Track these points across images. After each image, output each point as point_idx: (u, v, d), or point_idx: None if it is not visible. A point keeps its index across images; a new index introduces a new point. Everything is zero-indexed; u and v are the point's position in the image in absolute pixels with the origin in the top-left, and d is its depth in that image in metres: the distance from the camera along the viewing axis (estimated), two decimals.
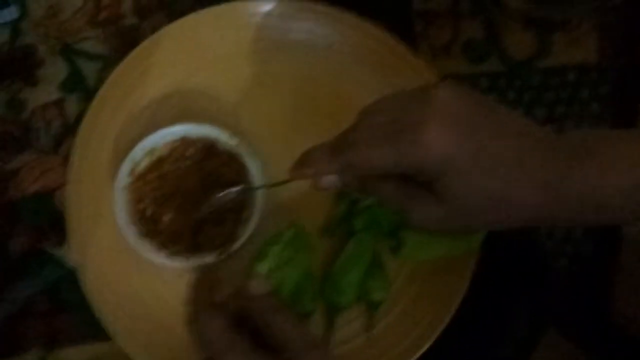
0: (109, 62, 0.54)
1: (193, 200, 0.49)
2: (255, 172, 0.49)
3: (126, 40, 0.55)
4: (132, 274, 0.49)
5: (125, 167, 0.48)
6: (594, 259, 0.54)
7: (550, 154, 0.33)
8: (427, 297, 0.50)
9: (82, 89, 0.54)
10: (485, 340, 0.53)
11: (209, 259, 0.48)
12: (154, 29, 0.54)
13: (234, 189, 0.48)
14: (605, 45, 0.58)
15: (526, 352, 0.52)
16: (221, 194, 0.47)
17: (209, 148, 0.50)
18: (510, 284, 0.53)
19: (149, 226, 0.49)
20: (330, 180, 0.41)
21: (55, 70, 0.54)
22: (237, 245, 0.47)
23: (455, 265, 0.50)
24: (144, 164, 0.49)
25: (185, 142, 0.50)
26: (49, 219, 0.51)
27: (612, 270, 0.53)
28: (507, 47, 0.58)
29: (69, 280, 0.50)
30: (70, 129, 0.53)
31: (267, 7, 0.54)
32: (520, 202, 0.33)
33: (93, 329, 0.49)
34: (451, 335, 0.47)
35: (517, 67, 0.57)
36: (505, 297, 0.53)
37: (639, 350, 0.51)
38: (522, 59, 0.57)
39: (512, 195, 0.33)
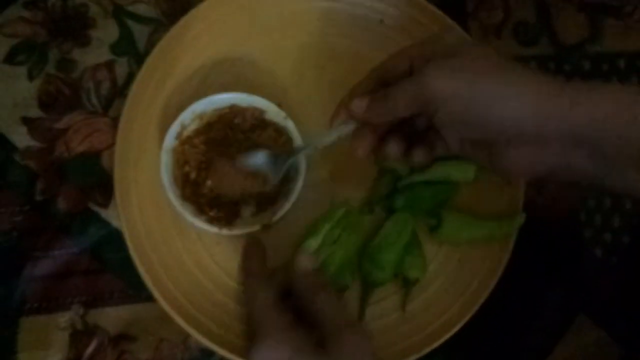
0: (160, 26, 0.54)
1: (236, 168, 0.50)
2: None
3: (177, 5, 0.54)
4: (174, 237, 0.50)
5: (174, 129, 0.48)
6: (630, 249, 0.54)
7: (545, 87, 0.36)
8: (462, 279, 0.50)
9: (133, 52, 0.54)
10: (516, 325, 0.53)
11: (247, 229, 0.48)
12: None
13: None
14: None
15: (556, 338, 0.52)
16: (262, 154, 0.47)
17: (257, 119, 0.50)
18: (546, 269, 0.53)
19: (192, 190, 0.49)
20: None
21: (106, 32, 0.54)
22: (276, 218, 0.48)
23: (493, 248, 0.50)
24: (192, 127, 0.50)
25: (234, 110, 0.50)
26: (96, 179, 0.52)
27: None
28: (559, 30, 0.57)
29: (112, 240, 0.51)
30: (119, 91, 0.53)
31: None
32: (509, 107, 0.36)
33: (133, 290, 0.51)
34: (483, 318, 0.47)
35: (567, 51, 0.56)
36: (540, 283, 0.53)
37: None
38: (573, 43, 0.57)
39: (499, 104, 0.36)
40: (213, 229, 0.47)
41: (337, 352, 0.39)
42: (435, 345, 0.47)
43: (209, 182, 0.49)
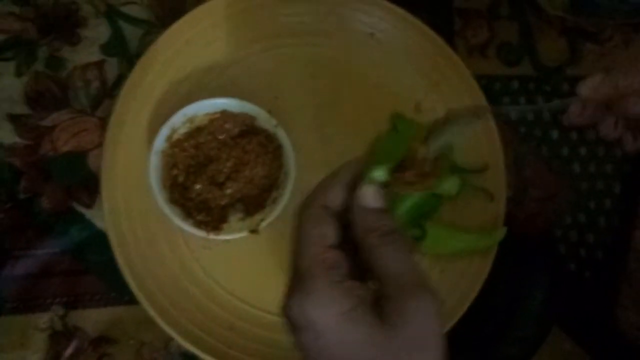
0: (152, 28, 0.54)
1: (224, 174, 0.50)
2: (290, 155, 0.49)
3: (170, 9, 0.54)
4: (160, 240, 0.49)
5: (164, 132, 0.48)
6: (603, 265, 0.56)
7: None
8: (444, 290, 0.51)
9: (124, 53, 0.53)
10: (494, 336, 0.54)
11: (234, 234, 0.48)
12: (199, 0, 0.54)
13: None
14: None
15: (533, 349, 0.54)
16: None
17: (248, 125, 0.51)
18: (522, 282, 0.55)
19: (179, 193, 0.49)
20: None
21: (97, 32, 0.53)
22: (264, 224, 0.48)
23: (474, 260, 0.51)
24: (182, 131, 0.50)
25: (225, 115, 0.50)
26: (81, 179, 0.51)
27: (619, 278, 0.55)
28: (540, 52, 0.59)
29: (96, 242, 0.50)
30: (108, 92, 0.53)
31: None
32: None
33: (115, 293, 0.50)
34: (461, 328, 0.49)
35: (547, 73, 0.58)
36: (515, 296, 0.55)
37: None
38: (553, 66, 0.59)
39: None
40: (200, 233, 0.48)
41: (401, 322, 0.30)
42: None
43: (197, 186, 0.49)
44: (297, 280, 0.32)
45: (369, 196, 0.34)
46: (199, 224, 0.48)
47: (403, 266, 0.32)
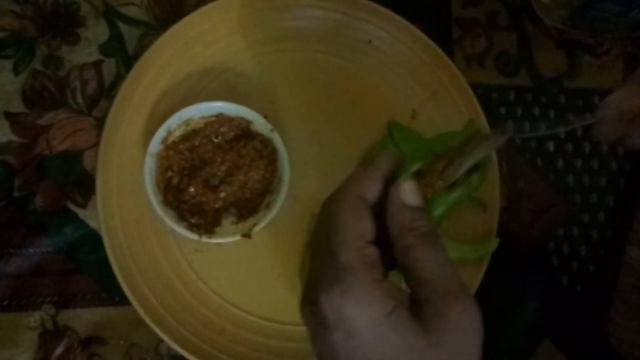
0: (151, 29, 0.54)
1: (218, 177, 0.50)
2: (285, 160, 0.49)
3: (169, 11, 0.54)
4: (153, 242, 0.50)
5: (160, 134, 0.49)
6: (595, 278, 0.56)
7: None
8: None
9: (122, 54, 0.53)
10: (484, 346, 0.54)
11: (227, 237, 0.48)
12: (198, 3, 0.55)
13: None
14: (629, 74, 0.59)
15: None
16: None
17: (244, 129, 0.51)
18: (514, 294, 0.55)
19: (173, 195, 0.49)
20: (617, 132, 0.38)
21: (96, 32, 0.53)
22: (258, 228, 0.48)
23: (467, 271, 0.51)
24: (178, 133, 0.50)
25: (220, 119, 0.50)
26: (76, 178, 0.51)
27: (610, 292, 0.55)
28: (538, 63, 0.59)
29: (89, 241, 0.50)
30: (105, 92, 0.52)
31: None
32: None
33: (107, 293, 0.50)
34: None
35: (545, 84, 0.58)
36: (507, 307, 0.55)
37: None
38: (550, 77, 0.59)
39: None
40: (193, 236, 0.48)
41: (443, 328, 0.28)
42: None
43: (191, 189, 0.49)
44: (335, 275, 0.30)
45: (409, 192, 0.32)
46: (192, 227, 0.48)
47: (443, 269, 0.31)
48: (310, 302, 0.31)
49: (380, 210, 0.33)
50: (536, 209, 0.56)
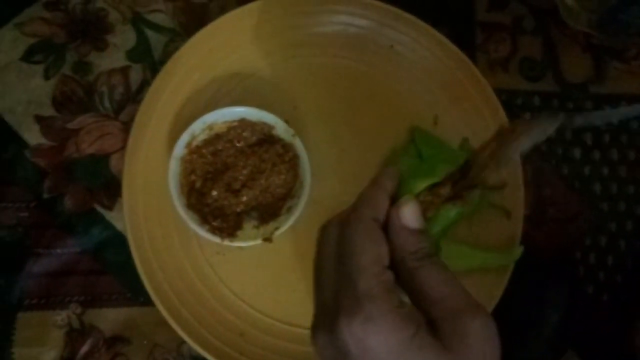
0: (176, 36, 0.55)
1: (240, 181, 0.51)
2: (306, 165, 0.50)
3: (194, 17, 0.55)
4: (176, 244, 0.50)
5: (184, 138, 0.49)
6: (622, 288, 0.55)
7: None
8: None
9: (148, 60, 0.55)
10: (504, 357, 0.53)
11: (248, 241, 0.49)
12: (222, 9, 0.55)
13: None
14: None
15: None
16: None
17: (266, 134, 0.51)
18: (537, 303, 0.54)
19: (196, 199, 0.50)
20: None
21: (123, 38, 0.55)
22: (279, 232, 0.49)
23: (489, 279, 0.50)
24: (202, 137, 0.51)
25: (243, 123, 0.51)
26: (103, 181, 0.52)
27: (637, 303, 0.54)
28: (564, 68, 0.58)
29: (115, 243, 0.52)
30: (132, 97, 0.54)
31: (333, 2, 0.55)
32: None
33: (131, 293, 0.51)
34: None
35: (571, 90, 0.58)
36: (530, 316, 0.54)
37: None
38: (577, 82, 0.58)
39: None
40: (215, 239, 0.48)
41: (464, 345, 0.29)
42: None
43: (213, 193, 0.50)
44: (355, 303, 0.29)
45: (410, 215, 0.32)
46: (214, 230, 0.49)
47: (453, 287, 0.31)
48: (326, 332, 0.30)
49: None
50: (562, 217, 0.55)
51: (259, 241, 0.49)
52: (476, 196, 0.36)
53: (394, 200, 0.34)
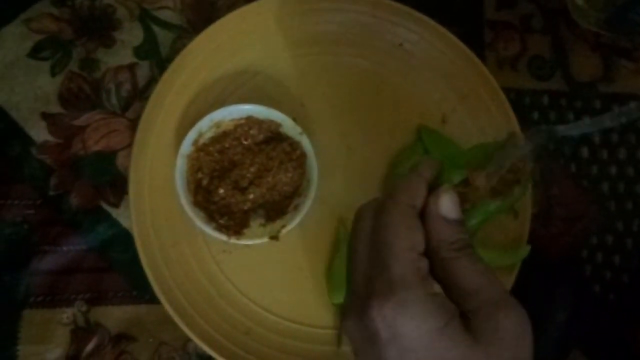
0: (184, 33, 0.55)
1: (247, 179, 0.51)
2: (314, 163, 0.50)
3: (202, 14, 0.55)
4: (183, 242, 0.50)
5: (191, 136, 0.49)
6: (629, 288, 0.55)
7: None
8: None
9: (155, 57, 0.54)
10: None
11: (255, 239, 0.49)
12: (230, 7, 0.55)
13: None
14: None
15: None
16: None
17: (273, 132, 0.51)
18: (544, 302, 0.54)
19: (203, 196, 0.50)
20: None
21: (131, 35, 0.55)
22: (285, 230, 0.48)
23: (497, 276, 0.50)
24: (209, 135, 0.50)
25: (250, 121, 0.51)
26: (109, 178, 0.52)
27: None
28: (573, 67, 0.58)
29: (121, 240, 0.51)
30: (139, 94, 0.54)
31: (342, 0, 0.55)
32: None
33: (137, 291, 0.51)
34: None
35: (579, 89, 0.57)
36: (536, 315, 0.54)
37: None
38: (585, 81, 0.58)
39: None
40: (222, 237, 0.48)
41: (496, 339, 0.28)
42: None
43: (220, 190, 0.50)
44: (388, 287, 0.29)
45: (448, 205, 0.32)
46: (221, 228, 0.49)
47: (488, 279, 0.30)
48: (357, 316, 0.30)
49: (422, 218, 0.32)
50: (569, 216, 0.55)
51: (265, 239, 0.48)
52: (517, 192, 0.34)
53: (432, 190, 0.33)
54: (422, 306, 0.28)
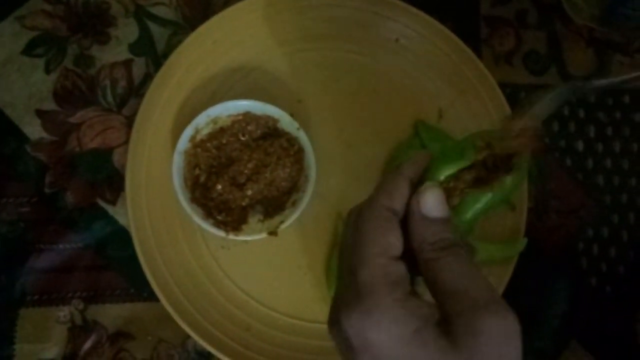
0: (180, 29, 0.55)
1: (245, 175, 0.50)
2: (311, 158, 0.50)
3: (197, 10, 0.55)
4: (180, 239, 0.50)
5: (188, 132, 0.49)
6: (625, 279, 0.55)
7: None
8: None
9: (151, 53, 0.54)
10: None
11: (253, 235, 0.49)
12: (226, 2, 0.55)
13: None
14: None
15: None
16: None
17: (270, 127, 0.51)
18: (541, 295, 0.54)
19: (201, 193, 0.50)
20: None
21: (126, 31, 0.54)
22: (284, 226, 0.48)
23: (493, 271, 0.51)
24: (206, 131, 0.50)
25: (247, 117, 0.51)
26: (105, 175, 0.52)
27: (639, 294, 0.54)
28: (567, 62, 0.58)
29: (118, 238, 0.51)
30: (135, 90, 0.53)
31: None
32: None
33: (135, 289, 0.51)
34: None
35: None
36: (534, 308, 0.54)
37: None
38: (580, 76, 0.58)
39: None
40: (220, 233, 0.48)
41: (475, 343, 0.26)
42: None
43: (218, 187, 0.49)
44: (355, 295, 0.28)
45: (431, 203, 0.30)
46: (219, 224, 0.49)
47: (472, 281, 0.28)
48: (333, 325, 0.29)
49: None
50: (565, 209, 0.55)
51: (264, 235, 0.48)
52: (510, 183, 0.33)
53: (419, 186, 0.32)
54: (389, 313, 0.27)
